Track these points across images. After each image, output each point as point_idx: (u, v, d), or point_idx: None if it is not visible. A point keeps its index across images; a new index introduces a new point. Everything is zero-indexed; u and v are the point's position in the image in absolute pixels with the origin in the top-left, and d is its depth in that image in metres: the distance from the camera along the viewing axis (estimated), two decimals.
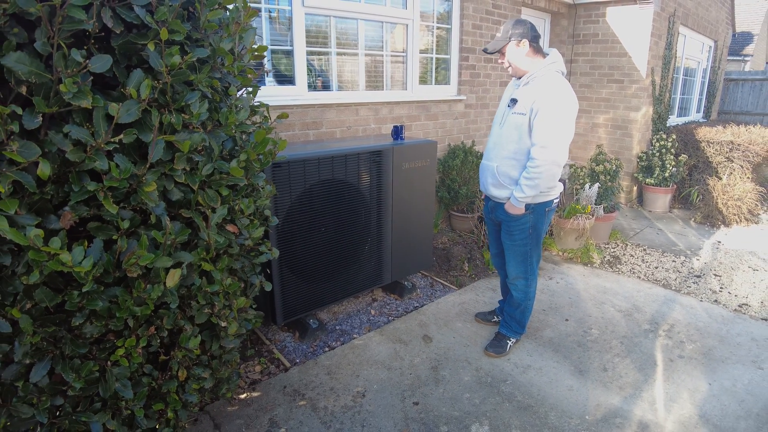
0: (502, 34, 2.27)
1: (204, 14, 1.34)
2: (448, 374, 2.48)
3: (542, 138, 2.16)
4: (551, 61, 2.25)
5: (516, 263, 2.51)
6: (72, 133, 1.16)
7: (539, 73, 2.24)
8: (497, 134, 2.39)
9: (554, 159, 2.17)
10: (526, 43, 2.24)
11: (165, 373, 1.66)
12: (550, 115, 2.14)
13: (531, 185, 2.24)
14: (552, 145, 2.15)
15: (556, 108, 2.14)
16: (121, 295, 1.35)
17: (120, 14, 1.19)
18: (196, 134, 1.33)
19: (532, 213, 2.38)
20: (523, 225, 2.40)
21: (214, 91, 1.46)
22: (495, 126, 2.45)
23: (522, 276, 2.54)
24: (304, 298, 2.69)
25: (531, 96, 2.20)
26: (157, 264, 1.34)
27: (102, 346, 1.46)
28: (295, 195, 2.48)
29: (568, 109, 2.18)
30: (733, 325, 3.06)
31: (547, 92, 2.15)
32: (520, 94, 2.28)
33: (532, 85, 2.24)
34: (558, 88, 2.17)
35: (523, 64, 2.27)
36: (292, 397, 2.29)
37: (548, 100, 2.14)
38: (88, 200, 1.28)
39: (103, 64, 1.12)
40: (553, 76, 2.22)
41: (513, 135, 2.28)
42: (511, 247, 2.49)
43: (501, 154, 2.35)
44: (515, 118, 2.26)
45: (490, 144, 2.47)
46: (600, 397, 2.34)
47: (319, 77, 3.59)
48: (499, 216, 2.49)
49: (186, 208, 1.47)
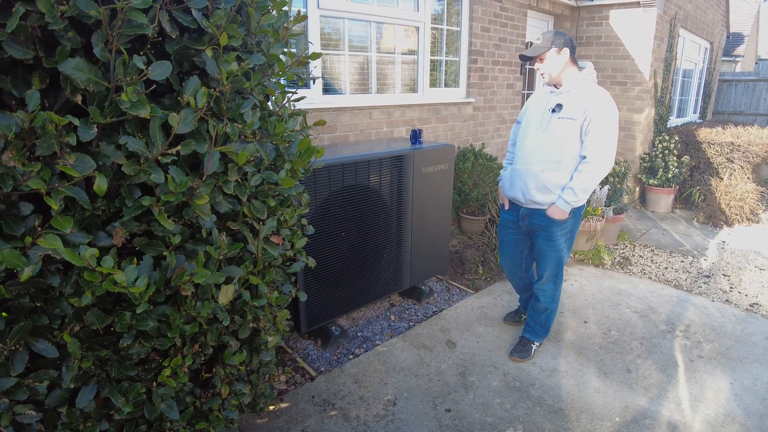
0: (543, 41, 2.33)
1: (256, 18, 1.29)
2: (477, 380, 2.46)
3: (598, 145, 2.24)
4: (590, 72, 2.38)
5: (551, 268, 2.52)
6: (128, 145, 1.10)
7: (582, 82, 2.34)
8: (538, 138, 2.38)
9: (607, 165, 2.27)
10: (567, 52, 2.31)
11: (207, 390, 1.60)
12: (605, 124, 2.23)
13: (585, 189, 2.28)
14: (607, 152, 2.25)
15: (609, 117, 2.24)
16: (171, 314, 1.30)
17: (176, 18, 1.14)
18: (250, 144, 1.29)
19: (573, 216, 2.42)
20: (564, 229, 2.43)
21: (265, 99, 1.41)
22: (530, 130, 2.43)
23: (552, 280, 2.55)
24: (328, 305, 2.65)
25: (581, 103, 2.27)
26: (210, 280, 1.29)
27: (147, 366, 1.41)
28: (320, 201, 2.43)
29: (616, 119, 2.31)
30: (747, 325, 3.10)
31: (601, 101, 2.24)
32: (564, 100, 2.33)
33: (578, 93, 2.31)
34: (608, 98, 2.28)
35: (561, 72, 2.34)
36: (322, 407, 2.24)
37: (602, 108, 2.23)
38: (138, 215, 1.22)
39: (163, 71, 1.07)
40: (596, 86, 2.33)
41: (561, 139, 2.31)
42: (548, 253, 2.48)
43: (546, 159, 2.35)
44: (564, 123, 2.30)
45: (528, 148, 2.42)
46: (627, 399, 2.35)
47: (335, 79, 3.54)
48: (536, 222, 2.46)
49: (233, 221, 1.42)
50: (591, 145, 2.25)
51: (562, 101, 2.33)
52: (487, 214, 4.26)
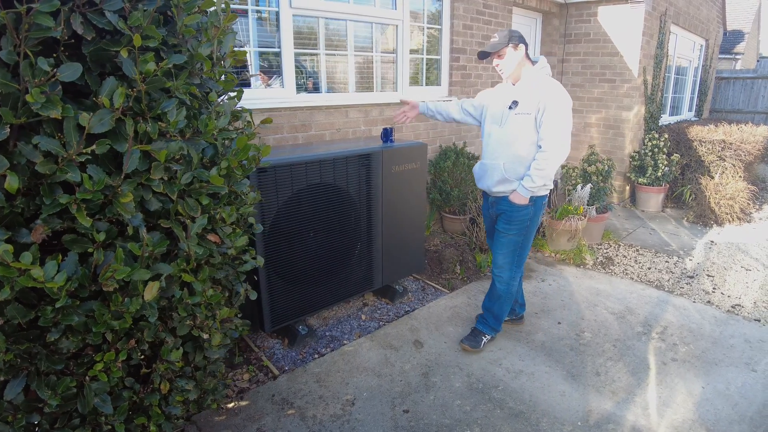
0: (501, 38, 2.40)
1: (181, 19, 1.30)
2: (439, 380, 2.45)
3: (552, 132, 2.34)
4: (542, 66, 2.47)
5: (506, 253, 2.58)
6: (41, 145, 1.12)
7: (535, 76, 2.43)
8: (499, 133, 2.49)
9: (562, 152, 2.37)
10: (523, 48, 2.42)
11: (147, 386, 1.62)
12: (557, 113, 2.33)
13: (541, 174, 2.38)
14: (560, 138, 2.35)
15: (561, 106, 2.35)
16: (98, 309, 1.31)
17: (91, 20, 1.15)
18: (174, 143, 1.30)
19: (533, 204, 2.50)
20: (524, 216, 2.50)
21: (194, 98, 1.42)
22: (493, 126, 2.54)
23: (508, 267, 2.59)
24: (293, 304, 2.65)
25: (534, 97, 2.37)
26: (135, 277, 1.30)
27: (80, 361, 1.43)
28: (283, 200, 2.44)
29: (569, 107, 2.40)
30: (726, 327, 3.05)
31: (551, 92, 2.34)
32: (520, 96, 2.43)
33: (532, 87, 2.40)
34: (559, 88, 2.38)
35: (517, 67, 2.44)
36: (281, 406, 2.25)
37: (554, 99, 2.33)
38: (62, 213, 1.24)
39: (73, 72, 1.08)
40: (548, 78, 2.43)
41: (519, 133, 2.41)
42: (504, 236, 2.56)
43: (508, 152, 2.46)
44: (520, 119, 2.40)
45: (492, 145, 2.54)
46: (593, 403, 2.32)
47: (310, 78, 3.55)
48: (500, 208, 2.57)
49: (165, 218, 1.43)
50: (545, 134, 2.35)
51: (517, 97, 2.43)
52: (468, 213, 4.24)
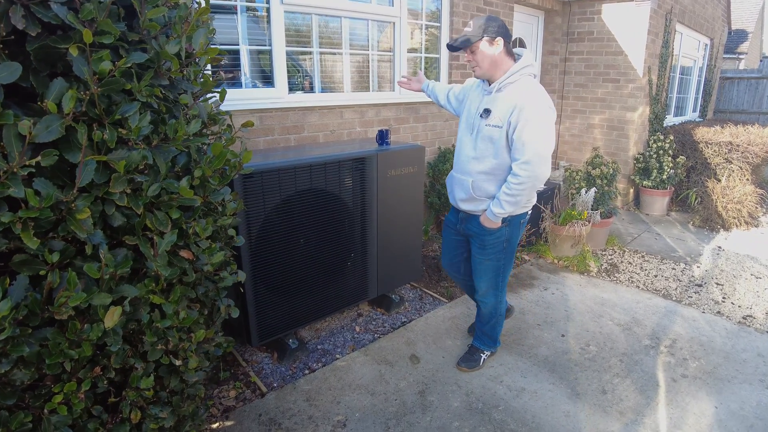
0: (474, 29, 1.98)
1: (145, 12, 1.15)
2: (436, 400, 2.31)
3: (525, 154, 1.96)
4: (524, 65, 2.02)
5: (487, 278, 2.33)
6: None
7: (512, 79, 2.02)
8: (470, 144, 2.16)
9: (538, 175, 1.99)
10: (501, 42, 2.00)
11: (116, 415, 1.48)
12: (531, 129, 1.94)
13: (512, 201, 2.05)
14: (535, 160, 1.96)
15: (536, 120, 1.93)
16: (53, 338, 1.17)
17: (36, 13, 1.01)
18: (136, 151, 1.15)
19: (509, 226, 2.20)
20: (498, 239, 2.21)
21: (162, 101, 1.28)
22: (465, 132, 2.20)
23: (492, 292, 2.37)
24: (283, 316, 2.51)
25: (506, 106, 1.99)
26: (94, 301, 1.16)
27: (37, 392, 1.28)
28: (270, 207, 2.30)
29: (549, 120, 1.99)
30: (738, 340, 2.91)
31: (525, 103, 1.94)
32: (492, 103, 2.06)
33: (506, 93, 2.02)
34: (535, 97, 1.96)
35: (494, 65, 2.03)
36: (268, 427, 2.11)
37: (527, 112, 1.93)
38: (6, 231, 1.10)
39: (10, 73, 0.93)
40: (527, 81, 2.02)
41: (489, 149, 2.08)
42: (482, 262, 2.30)
43: (477, 169, 2.14)
44: (490, 131, 2.06)
45: (462, 154, 2.21)
46: (599, 424, 2.18)
47: (305, 77, 3.40)
48: (470, 229, 2.28)
49: (131, 234, 1.29)
50: (516, 153, 1.98)
51: (490, 105, 2.06)
52: None
